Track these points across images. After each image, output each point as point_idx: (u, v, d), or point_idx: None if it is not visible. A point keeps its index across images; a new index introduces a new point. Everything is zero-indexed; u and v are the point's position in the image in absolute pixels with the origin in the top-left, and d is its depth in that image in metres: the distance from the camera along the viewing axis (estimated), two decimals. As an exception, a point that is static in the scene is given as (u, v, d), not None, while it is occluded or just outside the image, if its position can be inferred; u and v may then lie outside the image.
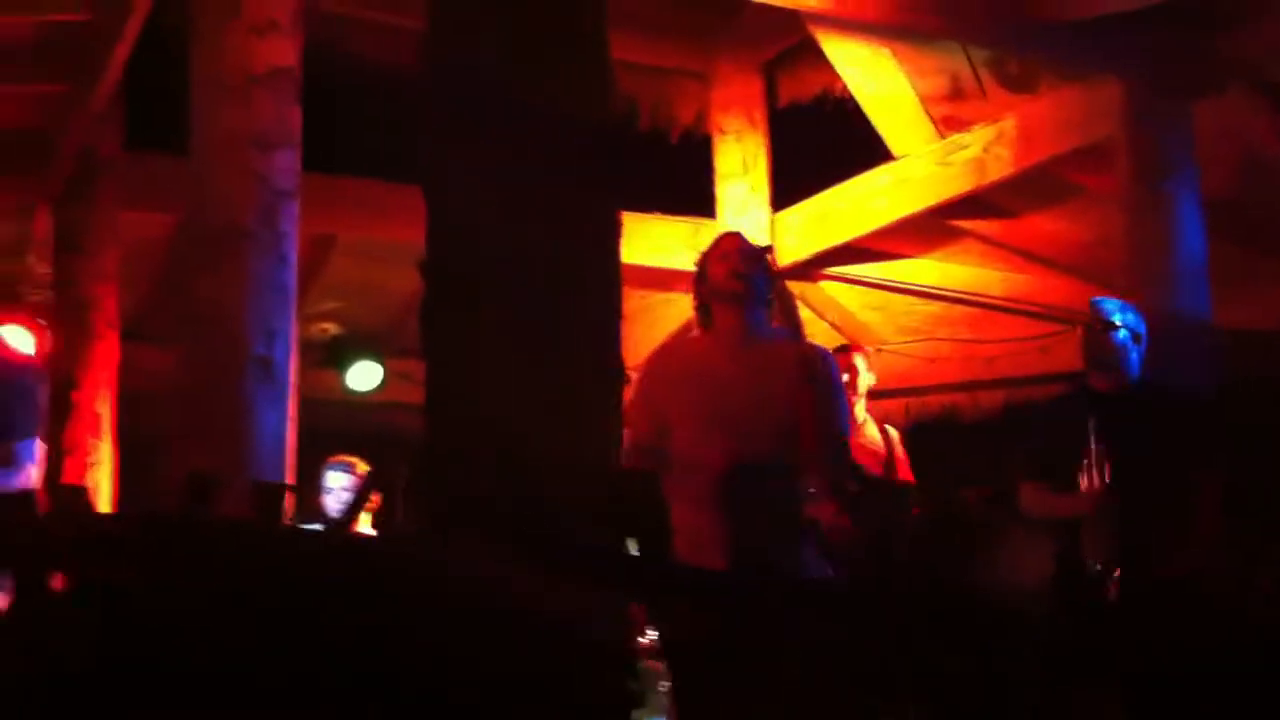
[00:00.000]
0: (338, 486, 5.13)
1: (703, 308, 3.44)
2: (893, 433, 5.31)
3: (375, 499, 5.09)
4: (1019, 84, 5.69)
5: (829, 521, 3.48)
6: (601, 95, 2.45)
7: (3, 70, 5.04)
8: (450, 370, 2.28)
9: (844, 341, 6.04)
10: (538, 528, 2.13)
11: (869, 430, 5.25)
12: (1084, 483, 3.81)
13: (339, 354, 6.80)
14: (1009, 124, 5.71)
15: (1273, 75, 5.22)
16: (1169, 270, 4.93)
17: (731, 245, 3.45)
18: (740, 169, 6.54)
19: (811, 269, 6.73)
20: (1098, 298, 4.28)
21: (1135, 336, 4.06)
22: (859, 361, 5.24)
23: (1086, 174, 5.77)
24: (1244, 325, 5.90)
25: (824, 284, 6.87)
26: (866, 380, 5.25)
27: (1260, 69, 5.15)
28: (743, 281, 3.32)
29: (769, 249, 3.61)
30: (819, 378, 3.29)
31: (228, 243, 3.65)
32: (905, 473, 5.22)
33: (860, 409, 5.24)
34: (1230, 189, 5.45)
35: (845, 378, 5.19)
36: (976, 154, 5.81)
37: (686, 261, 6.53)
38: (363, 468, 5.13)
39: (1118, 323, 4.05)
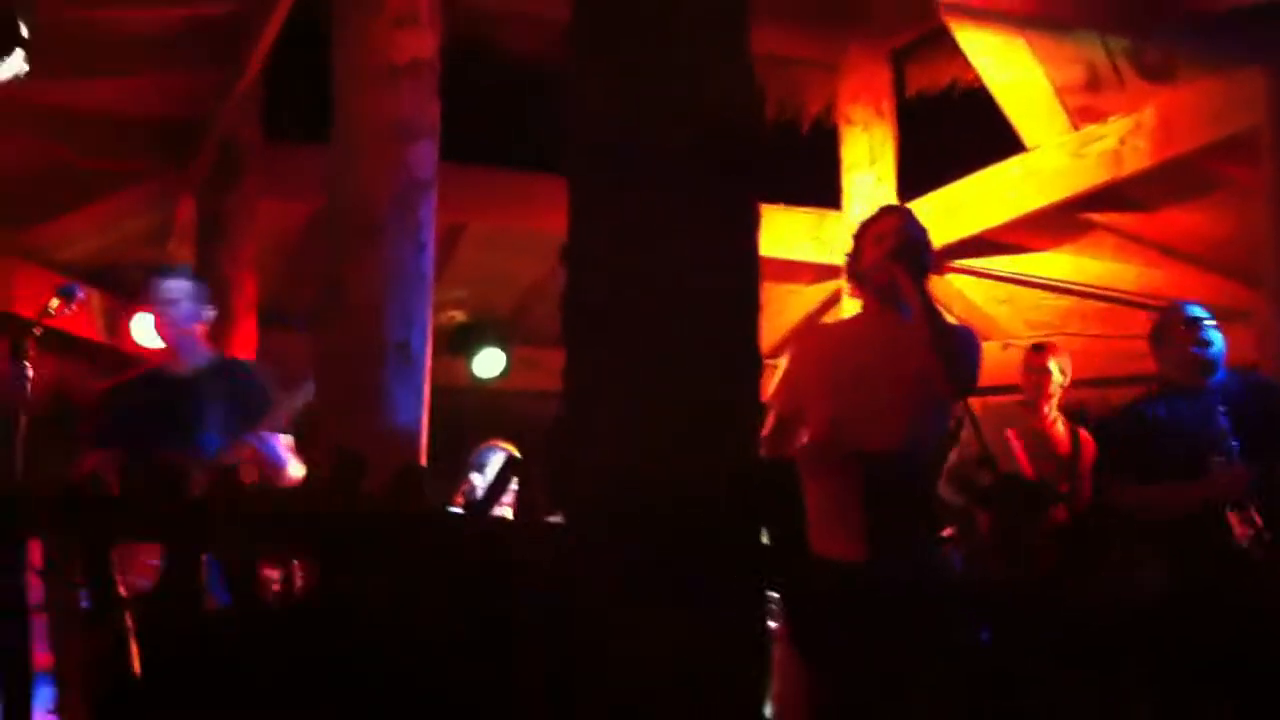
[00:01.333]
0: (491, 469, 5.18)
1: (856, 280, 3.40)
2: (1087, 440, 5.22)
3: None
4: (1158, 74, 5.55)
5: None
6: (745, 89, 2.44)
7: (150, 60, 5.19)
8: (589, 361, 2.30)
9: (1039, 340, 5.95)
10: (674, 524, 2.14)
11: (1058, 429, 5.18)
12: (1221, 470, 3.75)
13: (465, 341, 6.89)
14: (1147, 115, 5.57)
15: None
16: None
17: (888, 227, 3.36)
18: (867, 159, 6.48)
19: (939, 261, 6.59)
20: (1182, 302, 4.29)
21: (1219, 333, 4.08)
22: (1053, 364, 5.19)
23: (1229, 166, 5.60)
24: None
25: (951, 276, 6.78)
26: (1059, 381, 5.20)
27: None
28: (889, 272, 3.26)
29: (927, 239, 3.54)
30: (963, 361, 3.24)
31: (369, 230, 3.73)
32: (1085, 478, 5.09)
33: (1052, 408, 5.18)
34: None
35: (1045, 380, 5.16)
36: (1113, 145, 5.68)
37: (810, 252, 6.59)
38: (513, 452, 5.19)
39: (1210, 321, 4.06)
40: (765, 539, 2.39)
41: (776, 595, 2.78)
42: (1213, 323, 4.07)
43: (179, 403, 3.74)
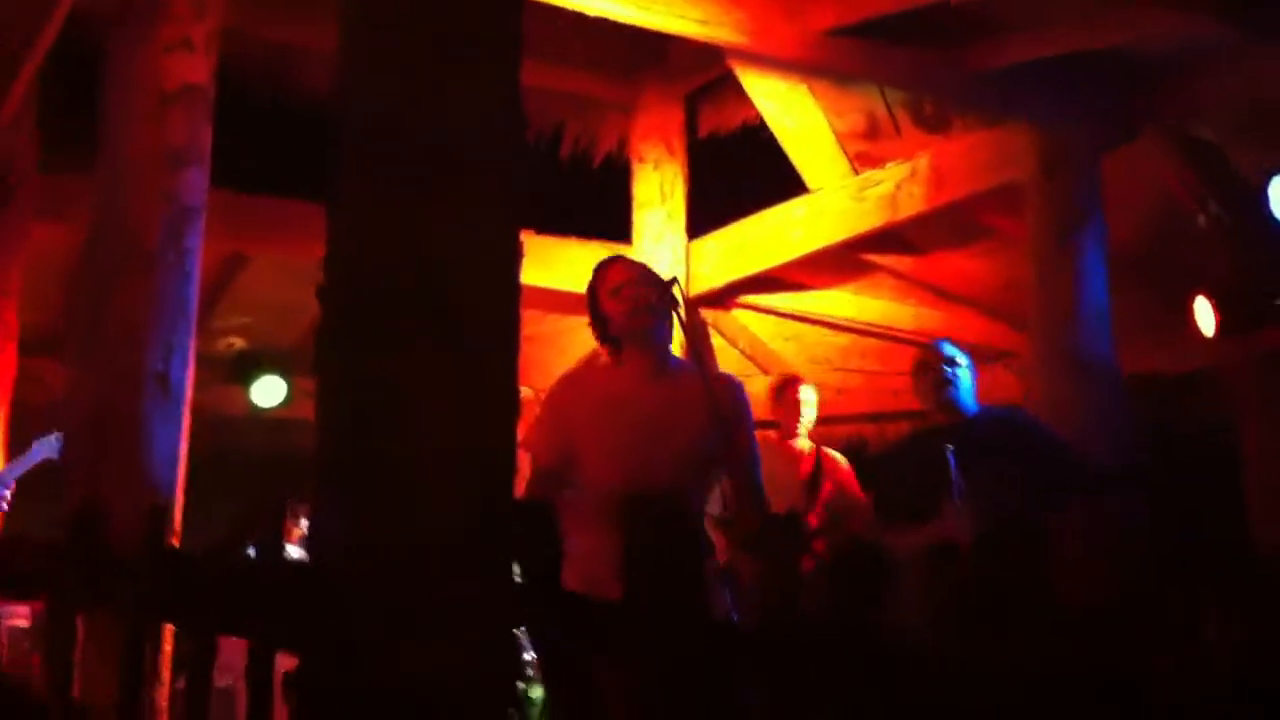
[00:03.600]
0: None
1: (600, 330, 3.36)
2: (835, 461, 5.37)
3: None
4: (934, 124, 5.79)
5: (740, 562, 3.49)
6: (510, 122, 2.44)
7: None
8: (343, 395, 2.26)
9: (783, 372, 6.11)
10: (427, 557, 2.11)
11: (803, 454, 5.32)
12: (948, 512, 3.92)
13: (245, 369, 6.73)
14: (922, 162, 5.80)
15: (1186, 129, 5.36)
16: (1074, 314, 5.04)
17: (622, 276, 3.33)
18: (658, 197, 6.57)
19: (726, 297, 6.78)
20: (938, 340, 4.54)
21: (969, 372, 4.31)
22: (803, 394, 5.35)
23: (997, 215, 5.88)
24: (1149, 371, 6.05)
25: (737, 312, 6.92)
26: (810, 416, 5.36)
27: (1173, 123, 5.28)
28: (650, 316, 3.28)
29: (674, 280, 3.59)
30: (730, 410, 3.26)
31: (132, 259, 3.60)
32: (823, 498, 5.26)
33: (803, 435, 5.33)
34: (1138, 237, 5.60)
35: (802, 409, 5.31)
36: (889, 190, 5.90)
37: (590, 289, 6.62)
38: None
39: (962, 361, 4.26)
40: (518, 577, 2.37)
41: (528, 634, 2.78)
42: (962, 362, 4.25)
43: None
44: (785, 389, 5.46)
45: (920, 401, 4.35)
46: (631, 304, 3.26)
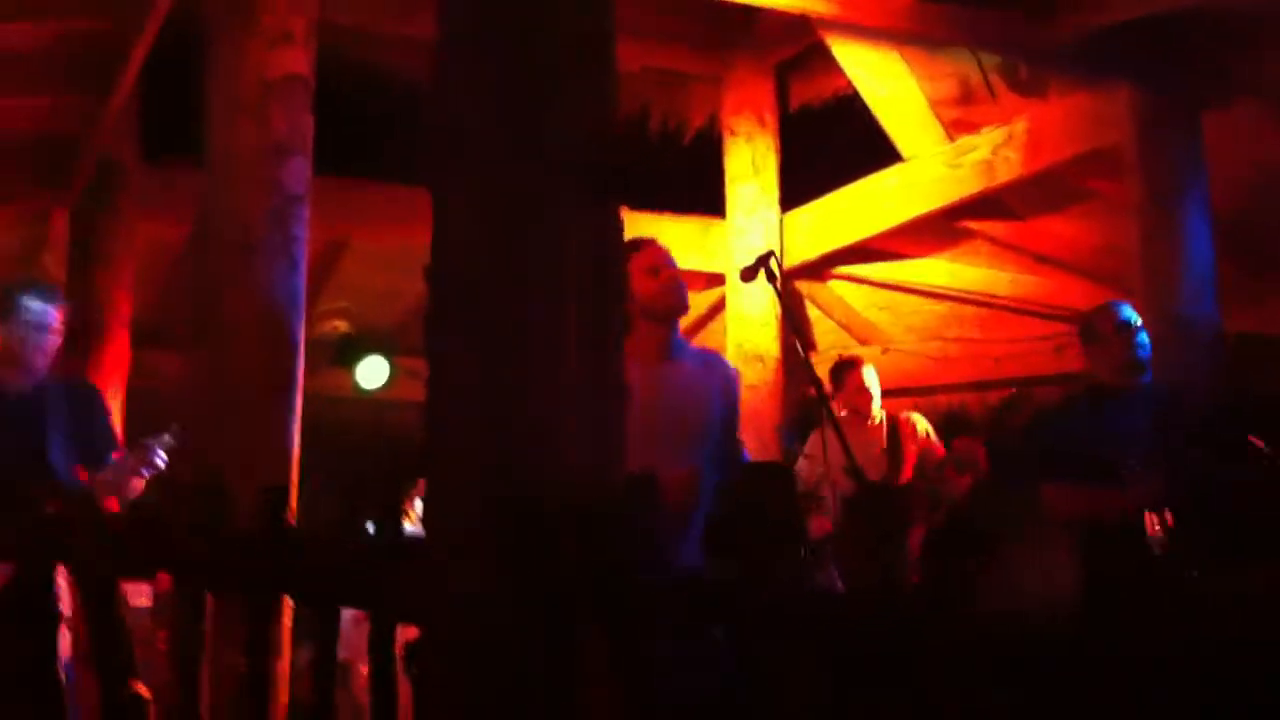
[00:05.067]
0: None
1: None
2: (913, 418, 5.37)
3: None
4: (1029, 88, 5.71)
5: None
6: (607, 108, 2.48)
7: (23, 78, 5.09)
8: (451, 377, 2.31)
9: (847, 349, 6.10)
10: (532, 539, 2.16)
11: (879, 428, 5.33)
12: (1134, 481, 3.74)
13: (348, 352, 6.87)
14: (1019, 127, 5.73)
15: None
16: (1178, 276, 4.95)
17: (657, 258, 3.34)
18: (750, 170, 6.57)
19: (820, 268, 6.77)
20: (1116, 302, 4.27)
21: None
22: (866, 378, 5.34)
23: (1096, 179, 5.79)
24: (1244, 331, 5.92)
25: (832, 283, 6.91)
26: (877, 391, 5.36)
27: (1272, 85, 5.16)
28: (679, 298, 3.29)
29: (771, 254, 3.59)
30: (730, 390, 3.36)
31: (243, 248, 3.70)
32: (906, 464, 5.26)
33: (877, 413, 5.33)
34: (1238, 202, 5.48)
35: (865, 389, 5.30)
36: (985, 156, 5.84)
37: (696, 260, 6.66)
38: None
39: (1138, 322, 4.05)
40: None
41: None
42: (1142, 324, 4.04)
43: (21, 420, 3.69)
44: (847, 375, 5.42)
45: (1096, 364, 4.06)
46: (671, 284, 3.30)
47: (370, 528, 2.60)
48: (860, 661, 1.88)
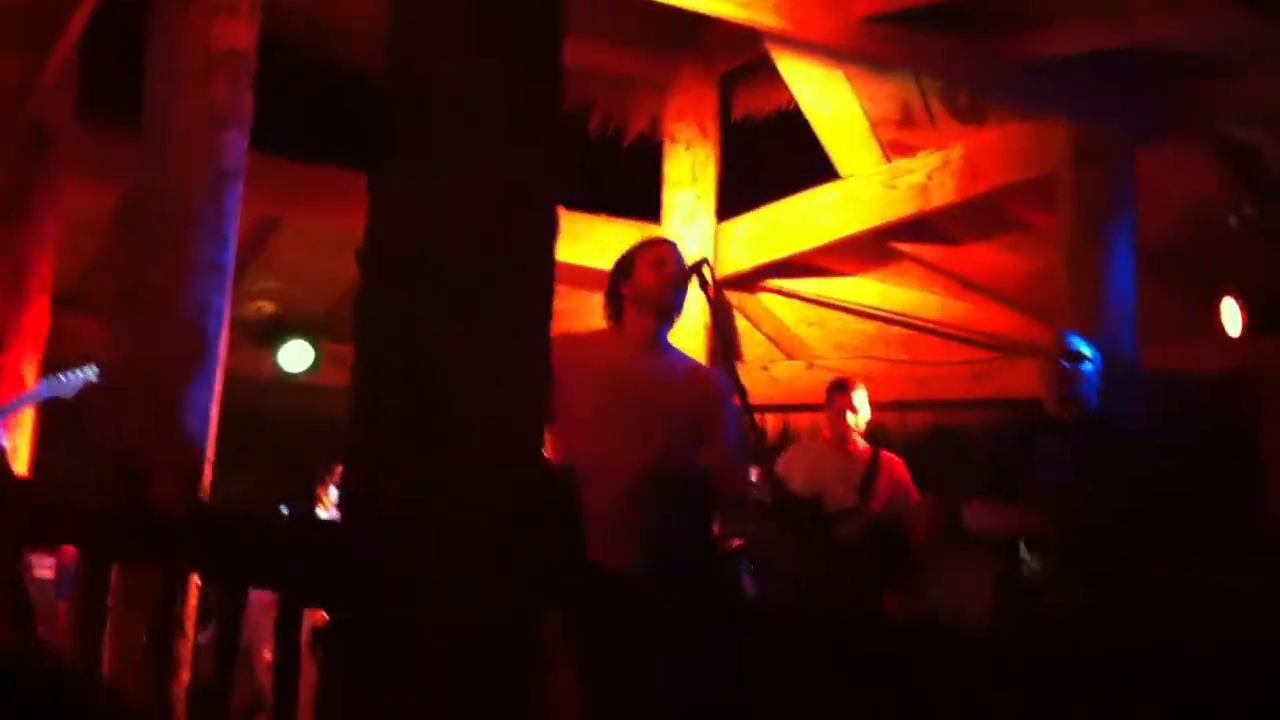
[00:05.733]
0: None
1: (616, 301, 3.45)
2: (887, 458, 5.39)
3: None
4: (968, 115, 5.79)
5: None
6: (551, 98, 2.47)
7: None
8: (378, 359, 2.29)
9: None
10: (458, 525, 2.15)
11: (859, 454, 5.35)
12: (1035, 502, 3.88)
13: (274, 333, 6.78)
14: (955, 153, 5.81)
15: (1220, 128, 5.36)
16: (1101, 309, 5.05)
17: (668, 253, 3.47)
18: (689, 178, 6.58)
19: (752, 281, 6.80)
20: (1067, 331, 4.37)
21: (1097, 370, 4.19)
22: (860, 399, 5.37)
23: (1028, 208, 5.88)
24: (1169, 367, 6.05)
25: (763, 296, 6.94)
26: (865, 415, 5.39)
27: (1208, 122, 5.28)
28: (671, 296, 3.36)
29: (705, 261, 3.62)
30: (713, 400, 3.37)
31: (173, 219, 3.65)
32: (880, 495, 5.28)
33: (858, 439, 5.37)
34: (1168, 235, 5.60)
35: (851, 418, 5.33)
36: (921, 180, 5.91)
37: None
38: None
39: (1087, 354, 4.15)
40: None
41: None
42: (1089, 358, 4.14)
43: None
44: (837, 396, 5.45)
45: (1042, 388, 4.20)
46: (670, 280, 3.37)
47: (284, 510, 2.58)
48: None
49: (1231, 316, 5.65)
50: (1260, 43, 4.61)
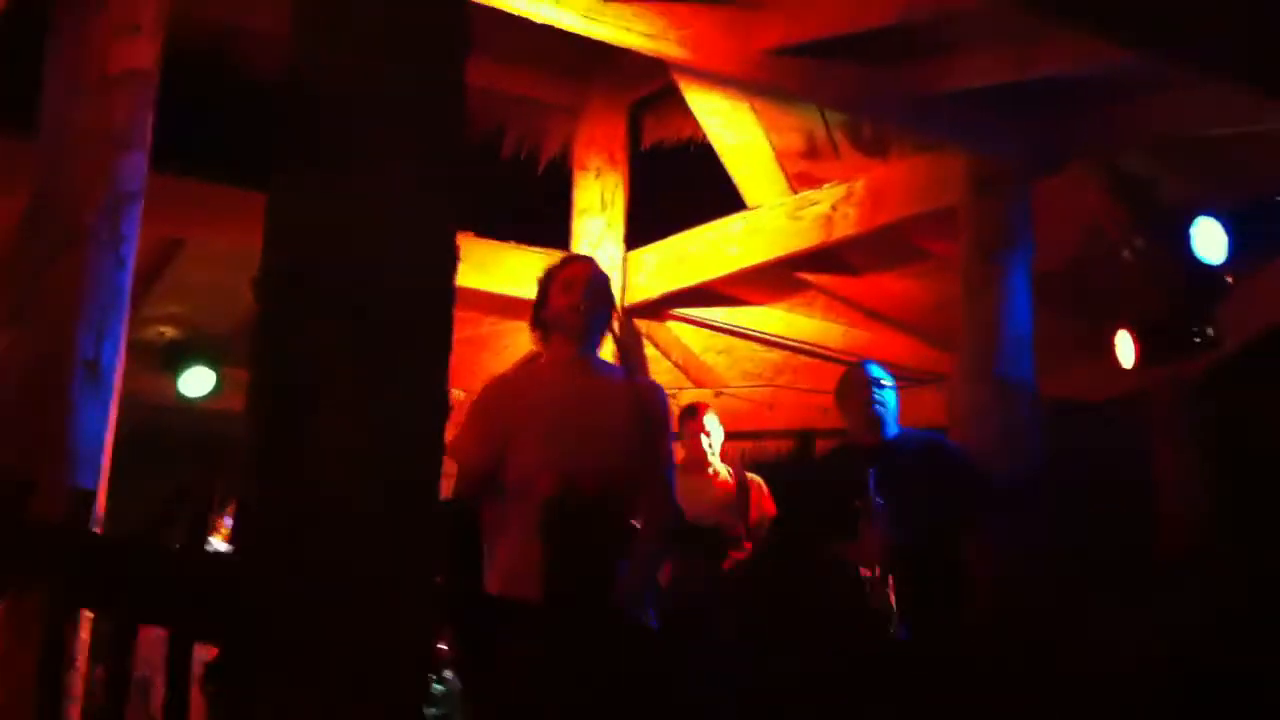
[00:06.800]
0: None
1: (539, 328, 3.48)
2: (754, 482, 5.46)
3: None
4: (871, 147, 5.89)
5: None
6: (455, 121, 2.47)
7: None
8: (274, 383, 2.27)
9: (691, 399, 6.18)
10: (349, 552, 2.14)
11: (722, 479, 5.41)
12: (867, 532, 3.96)
13: (175, 359, 6.68)
14: (859, 185, 5.90)
15: (1114, 161, 5.50)
16: (998, 335, 5.16)
17: (577, 274, 3.45)
18: (598, 205, 6.61)
19: (660, 308, 6.83)
20: (865, 361, 4.59)
21: (894, 394, 4.37)
22: (711, 422, 5.43)
23: (930, 239, 5.98)
24: (1068, 396, 6.18)
25: (671, 324, 6.98)
26: (719, 439, 5.45)
27: (1106, 152, 5.42)
28: (581, 317, 3.36)
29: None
30: (653, 416, 3.33)
31: (67, 240, 3.58)
32: (753, 519, 5.37)
33: (716, 462, 5.41)
34: (1064, 266, 5.73)
35: (705, 441, 5.40)
36: (826, 211, 5.99)
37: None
38: None
39: (888, 382, 4.30)
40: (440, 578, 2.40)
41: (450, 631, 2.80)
42: (890, 384, 4.31)
43: None
44: (687, 421, 5.51)
45: (844, 420, 4.40)
46: (578, 304, 3.37)
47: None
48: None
49: (1125, 348, 5.79)
50: (1147, 76, 4.75)
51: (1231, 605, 4.08)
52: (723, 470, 5.48)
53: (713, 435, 5.46)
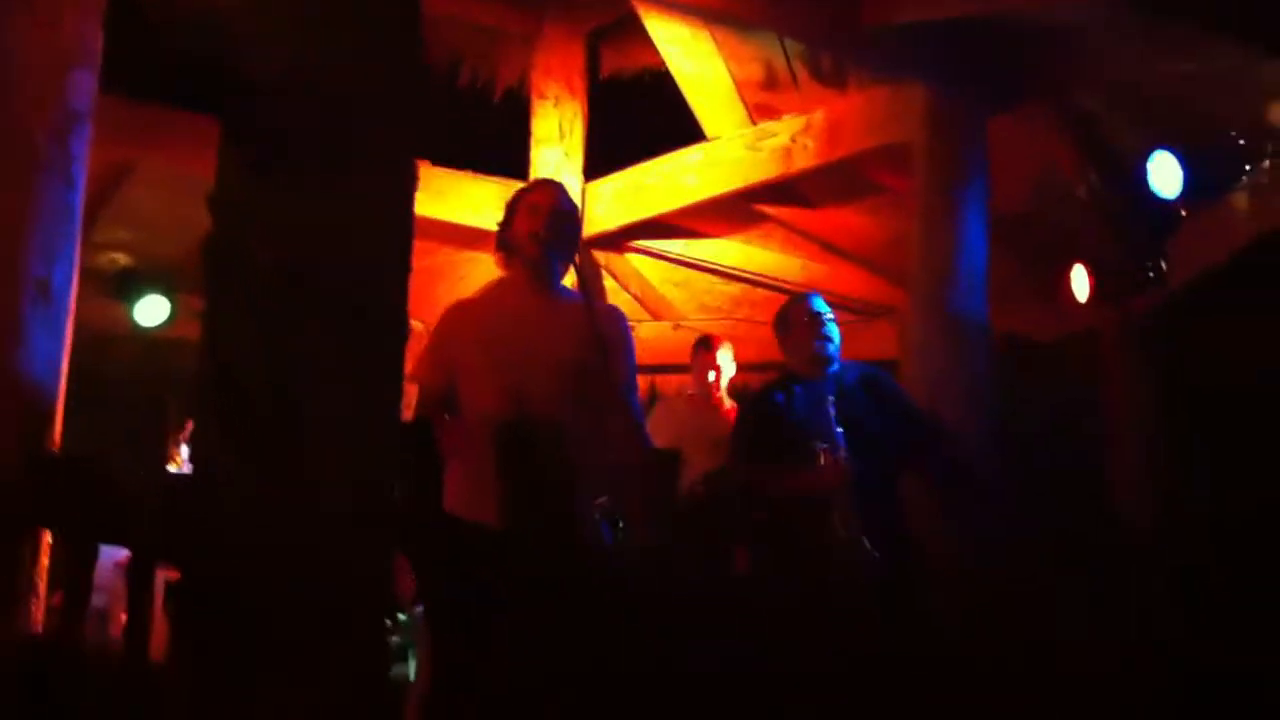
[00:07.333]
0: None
1: (504, 249, 3.47)
2: None
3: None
4: (830, 79, 5.87)
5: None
6: (410, 50, 2.45)
7: None
8: (229, 311, 2.26)
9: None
10: (311, 474, 2.14)
11: (727, 412, 5.45)
12: (826, 460, 3.98)
13: (128, 286, 6.60)
14: (817, 117, 5.89)
15: (1071, 97, 5.53)
16: (953, 272, 5.17)
17: (541, 200, 3.44)
18: (556, 135, 6.57)
19: (619, 240, 6.82)
20: (808, 294, 4.54)
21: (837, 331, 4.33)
22: (721, 357, 5.45)
23: (887, 173, 5.99)
24: (1019, 332, 6.25)
25: (630, 256, 6.97)
26: (729, 373, 5.47)
27: (1060, 90, 5.44)
28: (540, 245, 3.36)
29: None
30: (610, 336, 3.32)
31: (14, 159, 3.50)
32: None
33: (724, 396, 5.45)
34: (1019, 203, 5.77)
35: (712, 375, 5.43)
36: (784, 143, 5.98)
37: (495, 221, 6.62)
38: None
39: (832, 315, 4.31)
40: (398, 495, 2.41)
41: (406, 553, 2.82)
42: (832, 317, 4.32)
43: None
44: (700, 351, 5.55)
45: (787, 353, 4.36)
46: (541, 226, 3.37)
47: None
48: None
49: (1080, 284, 5.86)
50: (1105, 16, 4.76)
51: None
52: (727, 401, 5.53)
53: (722, 370, 5.50)
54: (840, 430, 3.99)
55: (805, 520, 3.94)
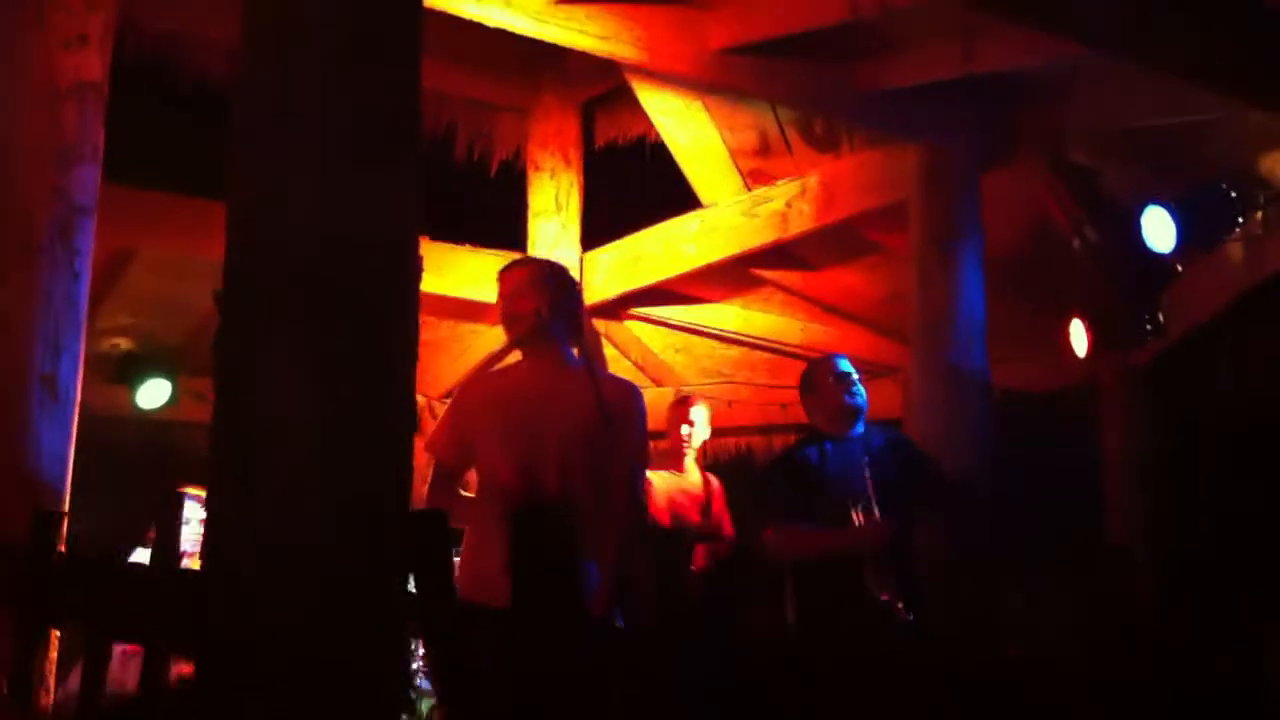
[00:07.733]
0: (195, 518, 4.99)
1: (505, 326, 3.52)
2: (715, 482, 5.49)
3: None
4: (823, 144, 5.94)
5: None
6: (411, 125, 2.47)
7: None
8: (239, 395, 2.26)
9: (686, 392, 6.20)
10: (319, 561, 2.14)
11: (692, 477, 5.43)
12: (861, 521, 3.95)
13: (130, 370, 6.62)
14: (812, 181, 5.94)
15: (1061, 151, 5.58)
16: (951, 325, 5.21)
17: (508, 285, 3.48)
18: (553, 206, 6.61)
19: (618, 308, 6.85)
20: (833, 355, 4.51)
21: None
22: (697, 414, 5.44)
23: (883, 233, 6.04)
24: (1021, 387, 6.26)
25: (630, 323, 7.00)
26: (702, 435, 5.45)
27: (1048, 145, 5.50)
28: (512, 323, 3.42)
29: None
30: (618, 413, 3.30)
31: (20, 256, 3.53)
32: (725, 523, 5.41)
33: (690, 459, 5.42)
34: (1014, 257, 5.81)
35: (685, 429, 5.41)
36: (780, 208, 6.03)
37: (494, 294, 6.65)
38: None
39: (855, 375, 4.28)
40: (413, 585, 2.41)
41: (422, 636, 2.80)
42: (858, 377, 4.32)
43: None
44: (675, 407, 5.54)
45: (813, 414, 4.32)
46: (505, 315, 3.46)
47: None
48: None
49: (1079, 337, 5.87)
50: (1094, 69, 4.82)
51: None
52: (691, 466, 5.49)
53: (695, 427, 5.47)
54: (873, 491, 3.95)
55: (838, 582, 3.90)
